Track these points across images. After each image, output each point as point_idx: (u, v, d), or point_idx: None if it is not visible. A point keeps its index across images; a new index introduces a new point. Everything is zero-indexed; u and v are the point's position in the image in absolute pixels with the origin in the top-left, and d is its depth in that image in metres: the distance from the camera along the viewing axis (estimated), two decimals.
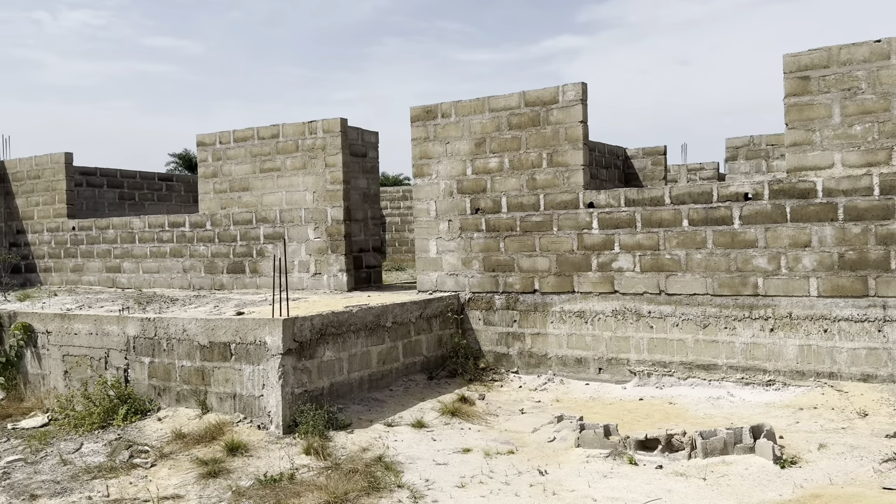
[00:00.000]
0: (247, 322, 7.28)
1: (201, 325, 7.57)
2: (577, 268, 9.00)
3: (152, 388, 7.94)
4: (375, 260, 12.21)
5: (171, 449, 6.70)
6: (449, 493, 5.61)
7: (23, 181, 15.13)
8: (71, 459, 6.58)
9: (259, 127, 11.69)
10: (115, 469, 6.29)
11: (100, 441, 7.08)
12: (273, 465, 6.27)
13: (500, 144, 9.47)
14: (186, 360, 7.69)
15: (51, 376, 8.80)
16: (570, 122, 8.99)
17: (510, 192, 9.41)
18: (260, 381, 7.19)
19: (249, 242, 11.79)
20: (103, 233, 13.69)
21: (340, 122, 10.90)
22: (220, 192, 12.09)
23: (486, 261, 9.62)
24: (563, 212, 9.06)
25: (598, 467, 6.09)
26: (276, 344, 7.06)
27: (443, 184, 9.93)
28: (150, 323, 7.93)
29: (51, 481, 6.11)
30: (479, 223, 9.65)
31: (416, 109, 10.12)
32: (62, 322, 8.66)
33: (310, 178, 11.15)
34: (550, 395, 8.69)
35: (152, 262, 12.95)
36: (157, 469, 6.29)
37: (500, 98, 9.47)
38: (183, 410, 7.65)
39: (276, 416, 7.06)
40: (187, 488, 5.84)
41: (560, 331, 9.13)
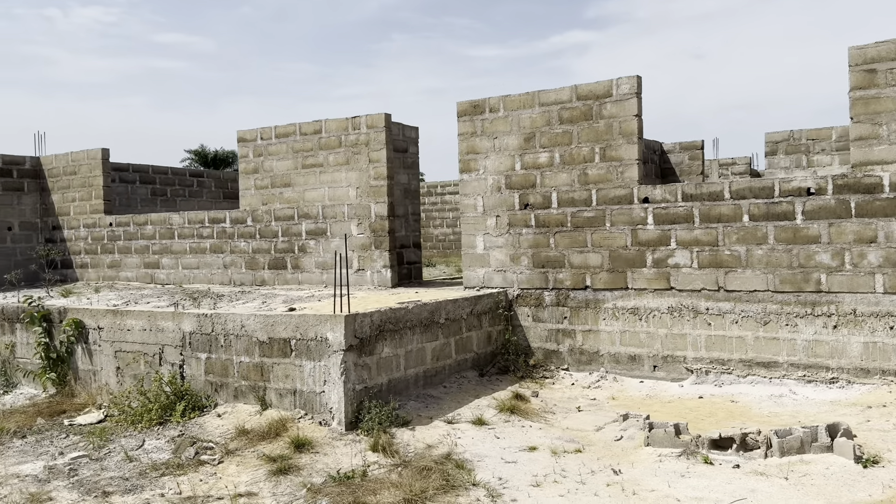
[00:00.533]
0: (307, 318, 7.22)
1: (260, 321, 7.53)
2: (630, 264, 8.89)
3: (209, 384, 7.91)
4: (416, 256, 12.14)
5: (236, 445, 6.66)
6: (526, 491, 5.53)
7: (58, 177, 15.16)
8: (136, 456, 6.55)
9: (301, 123, 11.63)
10: (182, 466, 6.25)
11: (162, 438, 7.05)
12: (342, 462, 6.21)
13: (550, 139, 9.36)
14: (245, 356, 7.65)
15: (102, 372, 8.79)
16: (624, 116, 8.87)
17: (561, 188, 9.30)
18: (321, 377, 7.13)
19: (291, 238, 11.74)
20: (141, 229, 13.69)
21: (385, 118, 10.82)
22: (262, 188, 12.05)
23: (535, 257, 9.52)
24: (617, 207, 8.94)
25: (672, 467, 5.99)
26: (338, 340, 7.00)
27: (490, 179, 9.83)
28: (206, 319, 7.89)
29: (119, 478, 6.08)
30: (528, 219, 9.55)
31: (462, 104, 10.02)
32: (115, 318, 8.64)
33: (353, 173, 11.09)
34: (605, 393, 8.59)
35: (192, 258, 12.94)
36: (225, 466, 6.25)
37: (550, 92, 9.36)
38: (241, 406, 7.61)
39: (338, 413, 7.00)
40: (259, 485, 5.79)
41: (613, 328, 9.02)
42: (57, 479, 6.11)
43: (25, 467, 6.50)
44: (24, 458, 6.80)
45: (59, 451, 6.91)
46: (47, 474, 6.26)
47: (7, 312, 9.86)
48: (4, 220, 14.96)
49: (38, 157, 15.58)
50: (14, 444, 7.25)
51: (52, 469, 6.38)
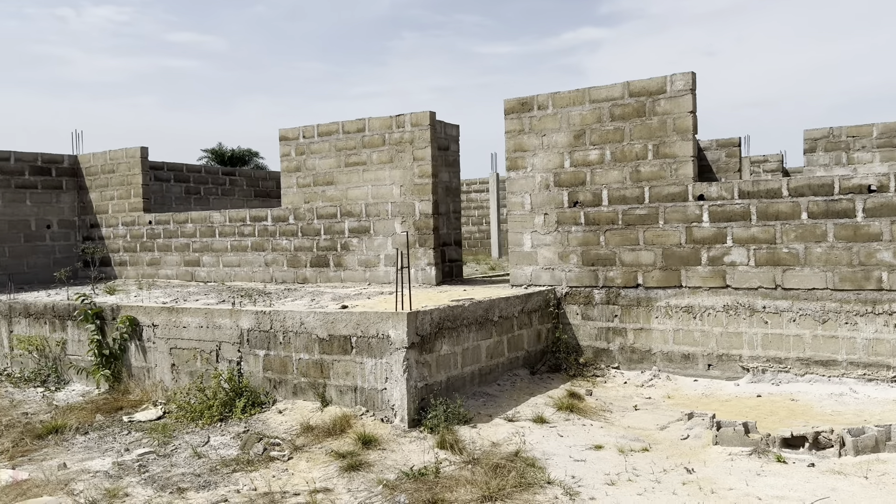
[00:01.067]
0: (369, 315, 7.23)
1: (320, 319, 7.54)
2: (684, 262, 8.83)
3: (267, 380, 7.94)
4: (457, 254, 12.13)
5: (303, 442, 6.68)
6: (602, 490, 5.51)
7: (97, 175, 15.28)
8: (204, 452, 6.58)
9: (344, 121, 11.66)
10: (252, 462, 6.27)
11: (226, 434, 7.08)
12: (410, 459, 6.21)
13: (601, 136, 9.32)
14: (304, 353, 7.67)
15: (156, 369, 8.85)
16: (678, 113, 8.82)
17: (612, 185, 9.26)
18: (383, 374, 7.13)
19: (334, 236, 11.77)
20: (182, 227, 13.77)
21: (429, 116, 10.82)
22: (304, 187, 12.08)
23: (584, 255, 9.48)
24: (671, 204, 8.89)
25: (745, 465, 5.94)
26: (400, 337, 7.00)
27: (538, 177, 9.80)
28: (265, 316, 7.92)
29: (191, 474, 6.11)
30: (578, 216, 9.51)
31: (510, 102, 10.00)
32: (170, 315, 8.69)
33: (396, 171, 11.09)
34: (660, 392, 8.54)
35: (233, 256, 13.00)
36: (295, 462, 6.26)
37: (601, 89, 9.32)
38: (301, 403, 7.63)
39: (400, 410, 7.00)
40: (333, 481, 5.80)
41: (665, 326, 8.97)
42: (128, 475, 6.15)
43: (93, 463, 6.55)
44: (90, 454, 6.85)
45: (125, 447, 6.96)
46: (117, 470, 6.30)
47: (58, 310, 9.95)
48: (43, 219, 15.10)
49: (75, 156, 15.72)
50: (77, 440, 7.31)
51: (121, 465, 6.42)
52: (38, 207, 15.01)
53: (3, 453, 6.94)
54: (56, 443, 7.20)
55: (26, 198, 14.82)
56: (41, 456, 6.83)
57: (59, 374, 9.89)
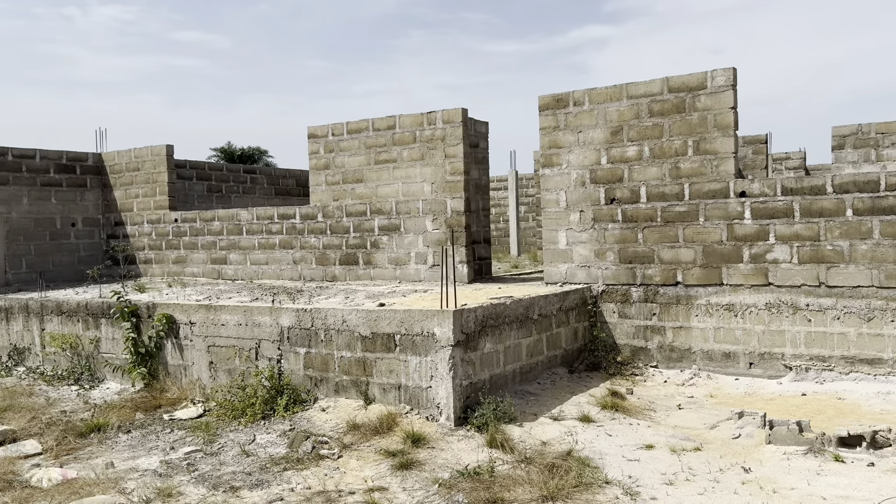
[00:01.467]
0: (413, 313, 7.17)
1: (362, 316, 7.49)
2: (725, 259, 8.74)
3: (308, 378, 7.89)
4: (486, 252, 12.06)
5: (351, 440, 6.63)
6: (662, 490, 5.44)
7: (121, 173, 15.28)
8: (252, 451, 6.54)
9: (374, 118, 11.60)
10: (301, 460, 6.23)
11: (272, 432, 7.03)
12: (461, 458, 6.15)
13: (639, 132, 9.23)
14: (346, 351, 7.62)
15: (194, 367, 8.81)
16: (719, 109, 8.72)
17: (650, 182, 9.17)
18: (427, 372, 7.08)
19: (363, 234, 11.72)
20: (208, 225, 13.75)
21: (462, 113, 10.76)
22: (333, 184, 12.03)
23: (621, 252, 9.40)
24: (711, 201, 8.80)
25: (803, 465, 5.85)
26: (445, 335, 6.94)
27: (574, 174, 9.72)
28: (306, 314, 7.87)
29: (242, 473, 6.06)
30: (615, 213, 9.43)
31: (545, 98, 9.92)
32: (208, 313, 8.65)
33: (428, 169, 11.03)
34: (701, 391, 8.45)
35: (260, 254, 12.97)
36: (346, 460, 6.21)
37: (639, 84, 9.23)
38: (343, 401, 7.58)
39: (446, 408, 6.94)
40: (386, 480, 5.75)
41: (706, 324, 8.88)
42: (178, 474, 6.11)
43: (141, 461, 6.52)
44: (135, 452, 6.82)
45: (169, 445, 6.92)
46: (166, 469, 6.26)
47: (92, 308, 9.94)
48: (68, 216, 15.12)
49: (99, 154, 15.72)
50: (120, 438, 7.28)
51: (168, 463, 6.39)
52: (63, 205, 15.03)
53: (48, 451, 6.91)
54: (99, 441, 7.17)
55: (51, 196, 14.83)
56: (86, 454, 6.81)
57: (93, 372, 9.88)
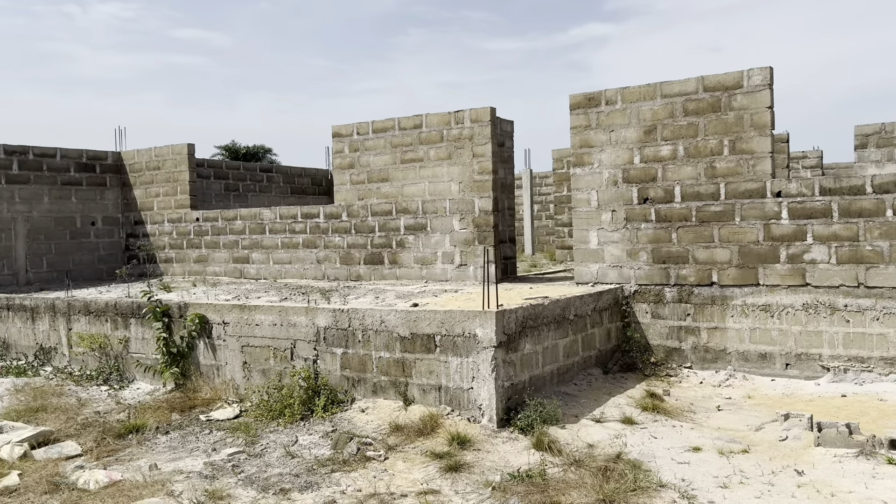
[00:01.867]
0: (454, 314, 7.12)
1: (401, 317, 7.45)
2: (762, 259, 8.68)
3: (345, 378, 7.85)
4: (511, 251, 12.02)
5: (395, 441, 6.59)
6: (719, 493, 5.38)
7: (141, 172, 15.26)
8: (296, 452, 6.50)
9: (400, 117, 11.55)
10: (347, 462, 6.18)
11: (313, 433, 6.99)
12: (509, 461, 6.11)
13: (673, 131, 9.17)
14: (384, 352, 7.57)
15: (227, 367, 8.78)
16: (755, 108, 8.66)
17: (685, 181, 9.11)
18: (469, 373, 7.03)
19: (388, 233, 11.68)
20: (230, 224, 13.72)
21: (490, 111, 10.70)
22: (357, 184, 11.99)
23: (654, 252, 9.34)
24: (748, 201, 8.74)
25: (856, 467, 5.80)
26: (488, 336, 6.90)
27: (606, 173, 9.66)
28: (343, 314, 7.83)
29: (289, 475, 6.02)
30: (648, 213, 9.37)
31: (576, 97, 9.86)
32: (241, 313, 8.61)
33: (455, 168, 10.98)
34: (738, 392, 8.40)
35: (284, 253, 12.93)
36: (392, 462, 6.17)
37: (674, 83, 9.17)
38: (382, 402, 7.53)
39: (488, 410, 6.90)
40: (437, 482, 5.71)
41: (741, 325, 8.82)
42: (224, 476, 6.08)
43: (183, 463, 6.48)
44: (177, 453, 6.78)
45: (210, 446, 6.88)
46: (211, 470, 6.22)
47: (121, 308, 9.90)
48: (88, 215, 15.10)
49: (118, 153, 15.70)
50: (159, 439, 7.24)
51: (213, 465, 6.35)
52: (84, 204, 15.00)
53: (88, 453, 6.88)
54: (138, 442, 7.14)
55: (72, 195, 14.81)
56: (127, 456, 6.77)
57: (122, 372, 9.85)
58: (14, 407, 8.67)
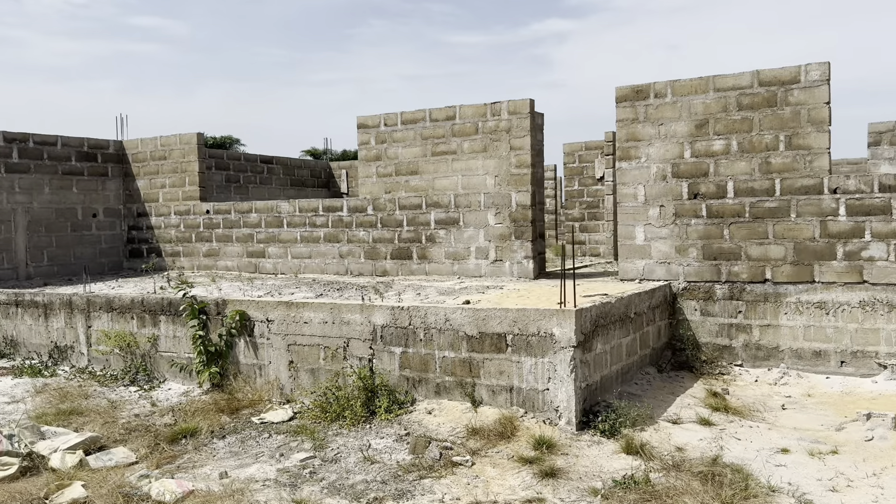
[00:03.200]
0: (528, 312, 6.86)
1: (469, 315, 7.16)
2: (818, 256, 8.58)
3: (404, 379, 7.55)
4: (543, 247, 11.79)
5: (476, 445, 6.31)
6: (836, 498, 5.22)
7: (145, 162, 14.69)
8: (374, 457, 6.19)
9: (431, 108, 11.23)
10: (433, 468, 5.89)
11: (385, 436, 6.67)
12: (601, 465, 5.88)
13: (726, 126, 9.01)
14: (449, 351, 7.29)
15: (270, 367, 8.40)
16: (813, 104, 8.54)
17: (738, 177, 8.97)
18: (544, 374, 6.79)
19: (418, 228, 11.36)
20: (244, 216, 13.26)
21: (529, 104, 10.44)
22: (384, 176, 11.64)
23: (705, 248, 9.19)
24: (804, 197, 8.62)
25: None
26: (566, 336, 6.65)
27: (654, 167, 9.48)
28: (403, 312, 7.51)
29: (375, 482, 5.71)
30: (699, 209, 9.21)
31: (623, 89, 9.65)
32: (288, 310, 8.24)
33: (491, 161, 10.71)
34: (796, 390, 8.29)
35: (303, 248, 12.53)
36: (481, 468, 5.90)
37: (727, 77, 9.01)
38: (447, 403, 7.25)
39: (566, 412, 6.66)
40: (536, 489, 5.45)
41: (795, 322, 8.72)
42: (305, 484, 5.74)
43: (252, 470, 6.13)
44: (241, 459, 6.42)
45: (276, 451, 6.53)
46: (288, 478, 5.89)
47: (149, 304, 9.44)
48: (90, 207, 14.50)
49: (120, 142, 15.10)
50: (216, 444, 6.87)
51: (287, 472, 6.01)
52: (85, 195, 14.39)
53: (145, 460, 6.48)
54: (195, 448, 6.75)
55: (73, 185, 14.20)
56: (188, 463, 6.39)
57: (150, 371, 9.39)
58: (42, 410, 8.19)
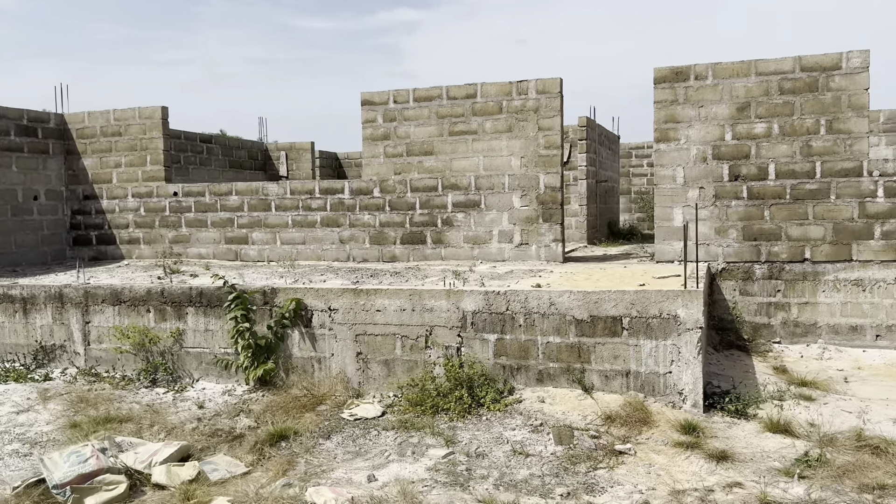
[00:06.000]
0: (649, 294, 6.68)
1: (578, 299, 6.88)
2: (856, 236, 9.00)
3: (499, 367, 7.16)
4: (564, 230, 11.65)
5: (620, 433, 6.07)
6: None
7: (94, 138, 13.13)
8: (524, 450, 5.79)
9: (448, 85, 10.75)
10: (595, 458, 5.60)
11: (515, 428, 6.26)
12: (761, 445, 5.83)
13: (768, 109, 9.24)
14: (553, 337, 6.97)
15: (332, 359, 7.72)
16: (854, 90, 8.91)
17: (779, 159, 9.23)
18: (666, 357, 6.64)
19: (432, 211, 10.88)
20: (222, 199, 12.16)
21: (559, 83, 10.23)
22: (394, 157, 11.04)
23: (745, 230, 9.40)
24: (844, 180, 9.00)
25: None
26: (693, 317, 6.54)
27: (694, 149, 9.57)
28: (499, 297, 7.11)
29: (548, 476, 5.34)
30: (739, 191, 9.40)
31: (662, 70, 9.66)
32: (356, 298, 7.59)
33: (516, 141, 10.42)
34: (844, 364, 8.65)
35: (296, 233, 11.67)
36: (644, 455, 5.67)
37: (769, 62, 9.23)
38: (554, 390, 6.94)
39: (692, 395, 6.56)
40: (720, 474, 5.30)
41: (833, 299, 9.11)
42: (473, 483, 5.28)
43: (394, 470, 5.58)
44: (369, 459, 5.84)
45: (407, 449, 5.97)
46: (445, 477, 5.40)
47: (171, 295, 8.41)
48: (30, 188, 12.78)
49: (60, 115, 13.40)
50: (324, 444, 6.20)
51: (437, 470, 5.51)
52: (25, 175, 12.66)
53: (257, 468, 5.73)
54: (304, 450, 6.06)
55: (12, 163, 12.44)
56: (312, 468, 5.72)
57: (172, 371, 8.38)
58: (70, 419, 7.11)
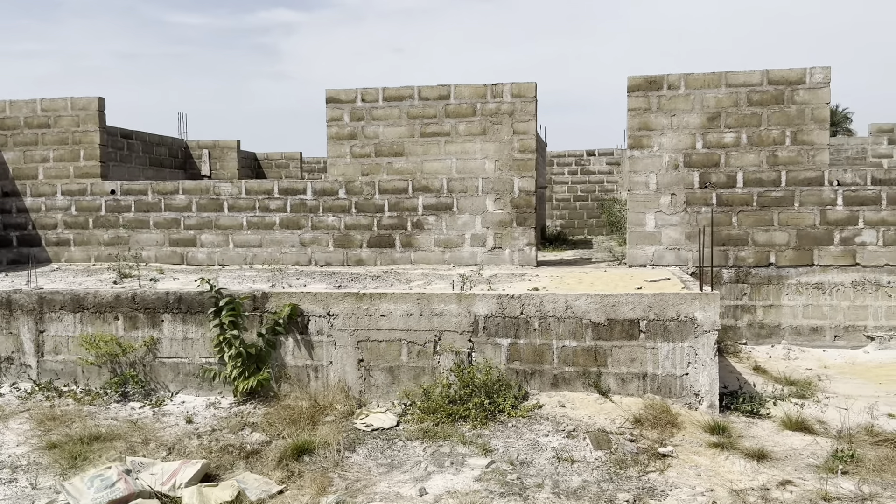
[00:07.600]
0: (666, 297, 6.76)
1: (595, 302, 6.87)
2: (817, 242, 9.53)
3: (513, 372, 7.03)
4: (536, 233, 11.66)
5: (654, 436, 6.08)
6: None
7: (17, 130, 11.96)
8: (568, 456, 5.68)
9: (420, 86, 10.54)
10: (641, 461, 5.58)
11: (548, 434, 6.14)
12: (788, 443, 6.01)
13: (737, 120, 9.63)
14: (569, 340, 6.93)
15: (331, 367, 7.34)
16: (816, 103, 9.45)
17: (747, 168, 9.64)
18: (683, 359, 6.74)
19: (402, 213, 10.62)
20: (167, 199, 11.37)
21: (534, 87, 10.25)
22: (361, 157, 10.70)
23: (714, 235, 9.75)
24: (807, 188, 9.52)
25: None
26: (710, 319, 6.68)
27: (666, 157, 9.84)
28: (513, 300, 6.99)
29: (603, 482, 5.26)
30: (709, 197, 9.75)
31: (636, 79, 9.87)
32: (359, 302, 7.24)
33: (490, 144, 10.34)
34: (810, 363, 9.12)
35: (251, 235, 11.07)
36: (687, 457, 5.70)
37: (739, 74, 9.63)
38: (570, 395, 6.89)
39: (708, 396, 6.69)
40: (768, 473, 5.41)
41: (795, 302, 9.61)
42: (531, 492, 5.13)
43: (440, 482, 5.35)
44: (408, 472, 5.56)
45: (446, 460, 5.73)
46: (498, 487, 5.22)
47: (144, 300, 7.72)
48: None
49: None
50: (352, 458, 5.86)
51: (484, 480, 5.32)
52: None
53: (289, 482, 5.33)
54: (334, 464, 5.69)
55: None
56: (352, 484, 5.38)
57: (145, 383, 7.70)
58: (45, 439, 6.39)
